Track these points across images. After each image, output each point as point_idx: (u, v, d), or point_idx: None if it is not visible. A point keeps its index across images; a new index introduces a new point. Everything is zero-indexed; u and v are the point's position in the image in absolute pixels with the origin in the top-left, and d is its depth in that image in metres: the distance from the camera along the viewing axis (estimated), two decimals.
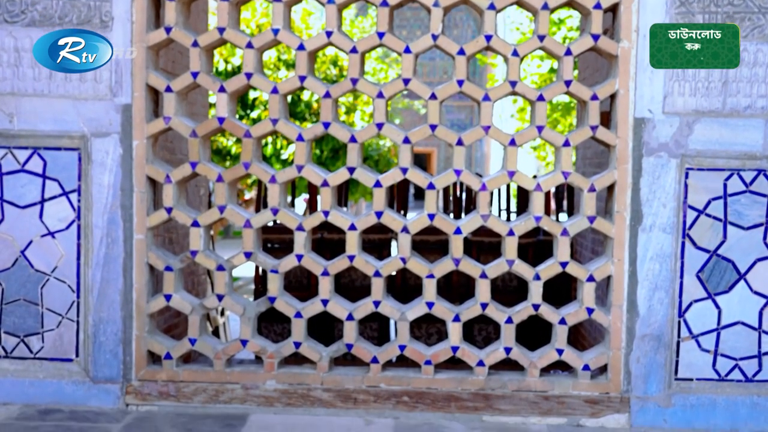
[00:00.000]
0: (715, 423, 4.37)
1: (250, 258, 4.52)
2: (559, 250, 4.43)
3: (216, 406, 4.47)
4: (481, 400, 4.45)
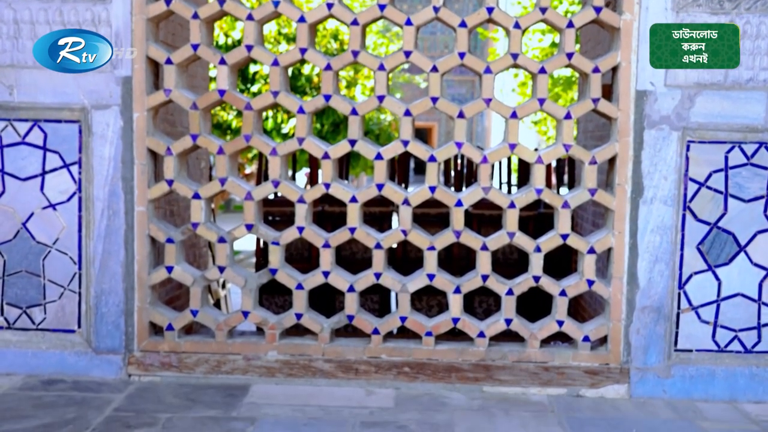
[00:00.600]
0: (714, 393, 4.40)
1: (251, 230, 4.53)
2: (560, 223, 4.44)
3: (218, 376, 4.50)
4: (482, 371, 4.47)
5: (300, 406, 4.21)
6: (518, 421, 4.09)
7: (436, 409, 4.23)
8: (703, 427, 4.07)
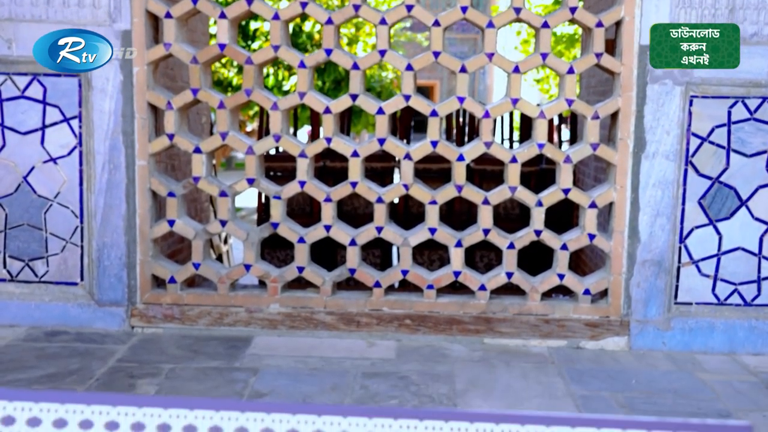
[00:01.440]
0: (713, 346, 4.43)
1: (252, 184, 4.53)
2: (562, 177, 4.44)
3: (220, 328, 4.53)
4: (483, 323, 4.50)
5: (302, 357, 4.25)
6: (518, 372, 4.13)
7: (437, 361, 4.26)
8: (702, 379, 4.11)
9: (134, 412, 1.17)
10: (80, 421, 1.17)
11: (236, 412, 1.18)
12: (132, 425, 1.17)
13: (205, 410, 1.17)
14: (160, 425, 1.17)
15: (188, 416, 1.17)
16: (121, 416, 1.18)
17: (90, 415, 1.17)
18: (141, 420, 1.17)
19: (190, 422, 1.17)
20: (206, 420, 1.18)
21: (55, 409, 1.17)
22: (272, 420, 1.18)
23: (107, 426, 1.17)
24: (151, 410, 1.17)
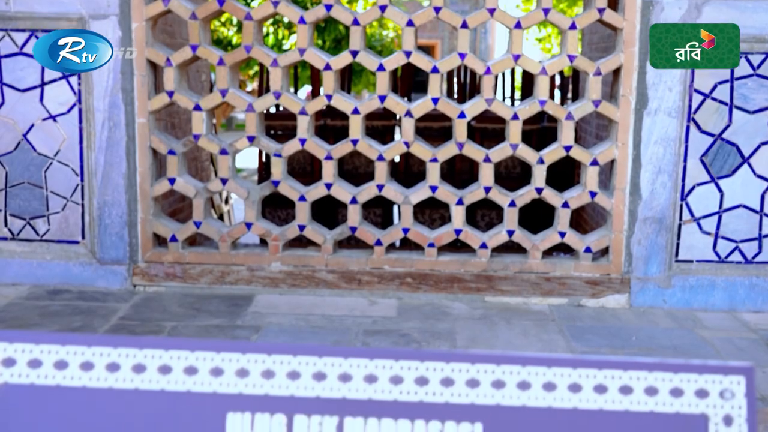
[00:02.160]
0: (713, 303, 4.44)
1: (253, 142, 4.51)
2: (563, 134, 4.41)
3: (222, 287, 4.54)
4: (484, 282, 4.51)
5: (304, 315, 4.26)
6: (519, 330, 4.14)
7: (438, 319, 4.28)
8: (703, 336, 4.12)
9: (135, 353, 1.17)
10: (81, 362, 1.17)
11: (237, 353, 1.18)
12: (133, 367, 1.17)
13: (206, 351, 1.18)
14: (160, 367, 1.17)
15: (189, 357, 1.18)
16: (122, 357, 1.18)
17: (91, 356, 1.18)
18: (142, 361, 1.17)
19: (191, 363, 1.18)
20: (207, 361, 1.18)
21: (56, 351, 1.17)
22: (273, 361, 1.18)
23: (108, 367, 1.17)
24: (152, 351, 1.17)
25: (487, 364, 1.18)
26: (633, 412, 1.18)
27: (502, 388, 1.18)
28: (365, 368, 1.18)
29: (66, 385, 1.16)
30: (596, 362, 1.18)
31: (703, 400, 1.18)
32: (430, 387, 1.18)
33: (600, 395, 1.18)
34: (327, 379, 1.18)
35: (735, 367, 1.19)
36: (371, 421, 1.17)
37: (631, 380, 1.19)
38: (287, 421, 1.16)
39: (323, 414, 1.17)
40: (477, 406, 1.17)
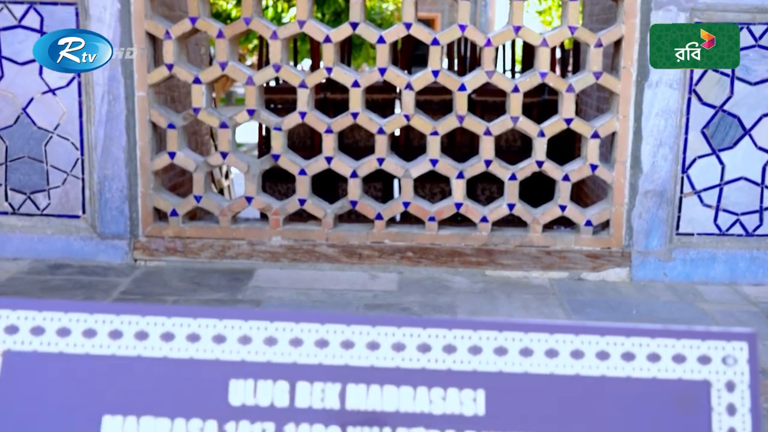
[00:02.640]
0: (714, 276, 4.44)
1: (253, 115, 4.49)
2: (564, 107, 4.40)
3: (222, 261, 4.54)
4: (484, 255, 4.51)
5: (304, 289, 4.27)
6: (520, 303, 4.15)
7: (438, 292, 4.28)
8: (703, 309, 4.13)
9: (137, 320, 1.17)
10: (83, 329, 1.17)
11: (239, 320, 1.18)
12: (135, 334, 1.17)
13: (209, 318, 1.17)
14: (163, 334, 1.17)
15: (191, 325, 1.17)
16: (124, 325, 1.18)
17: (93, 324, 1.17)
18: (144, 329, 1.17)
19: (193, 331, 1.17)
20: (209, 328, 1.18)
21: (59, 318, 1.17)
22: (275, 328, 1.18)
23: (111, 335, 1.17)
24: (155, 319, 1.17)
25: (489, 331, 1.18)
26: (635, 378, 1.18)
27: (504, 354, 1.18)
28: (367, 335, 1.18)
29: (69, 352, 1.16)
30: (598, 329, 1.18)
31: (705, 366, 1.18)
32: (433, 354, 1.18)
33: (602, 362, 1.18)
34: (329, 346, 1.18)
35: (737, 333, 1.19)
36: (373, 388, 1.17)
37: (634, 347, 1.19)
38: (290, 388, 1.16)
39: (326, 381, 1.17)
40: (479, 373, 1.17)
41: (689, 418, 1.16)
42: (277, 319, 1.18)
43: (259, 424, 1.15)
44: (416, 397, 1.17)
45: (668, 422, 1.16)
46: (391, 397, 1.16)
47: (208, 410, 1.15)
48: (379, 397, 1.16)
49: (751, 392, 1.17)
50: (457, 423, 1.16)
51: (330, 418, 1.15)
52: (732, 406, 1.17)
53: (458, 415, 1.16)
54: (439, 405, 1.16)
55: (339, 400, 1.16)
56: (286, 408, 1.15)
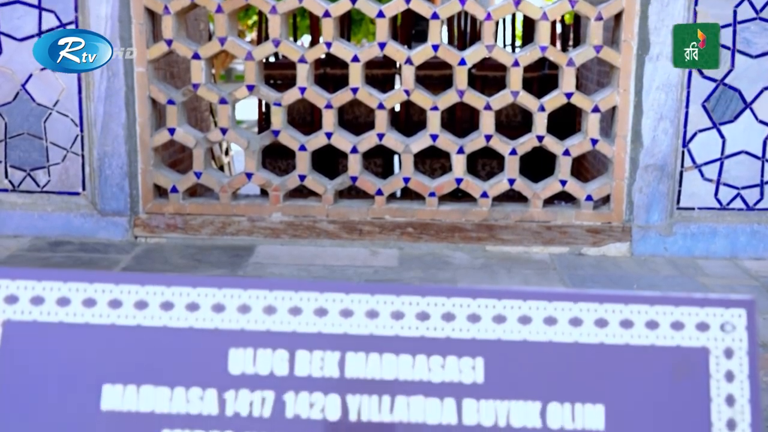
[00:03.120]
0: (714, 250, 4.44)
1: (252, 91, 4.48)
2: (564, 81, 4.38)
3: (223, 238, 4.54)
4: (485, 231, 4.51)
5: (305, 265, 4.27)
6: (520, 279, 4.16)
7: (439, 268, 4.29)
8: (704, 283, 4.13)
9: (137, 290, 1.17)
10: (83, 299, 1.17)
11: (239, 289, 1.18)
12: (135, 303, 1.18)
13: (208, 288, 1.18)
14: (162, 303, 1.18)
15: (191, 294, 1.18)
16: (124, 294, 1.18)
17: (93, 293, 1.18)
18: (144, 298, 1.17)
19: (192, 300, 1.18)
20: (209, 298, 1.18)
21: (58, 288, 1.17)
22: (274, 297, 1.18)
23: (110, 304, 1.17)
24: (154, 288, 1.17)
25: (488, 299, 1.19)
26: (633, 345, 1.18)
27: (503, 322, 1.18)
28: (366, 304, 1.18)
29: (68, 322, 1.16)
30: (597, 296, 1.18)
31: (703, 333, 1.18)
32: (431, 322, 1.18)
33: (601, 329, 1.18)
34: (328, 315, 1.18)
35: (736, 301, 1.19)
36: (373, 357, 1.17)
37: (632, 314, 1.19)
38: (289, 357, 1.17)
39: (325, 349, 1.17)
40: (478, 341, 1.18)
41: (687, 385, 1.16)
42: (277, 288, 1.18)
43: (259, 393, 1.15)
44: (415, 365, 1.17)
45: (666, 389, 1.16)
46: (390, 366, 1.17)
47: (207, 379, 1.15)
48: (378, 365, 1.17)
49: (750, 359, 1.17)
50: (456, 391, 1.16)
51: (329, 387, 1.15)
52: (730, 373, 1.17)
53: (457, 383, 1.16)
54: (438, 373, 1.17)
55: (338, 369, 1.16)
56: (285, 376, 1.16)
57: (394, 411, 1.15)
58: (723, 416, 1.16)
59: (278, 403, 1.15)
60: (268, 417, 1.14)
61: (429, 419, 1.15)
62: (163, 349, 1.16)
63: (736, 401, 1.16)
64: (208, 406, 1.15)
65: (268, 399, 1.15)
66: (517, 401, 1.16)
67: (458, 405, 1.16)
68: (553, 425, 1.15)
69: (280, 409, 1.14)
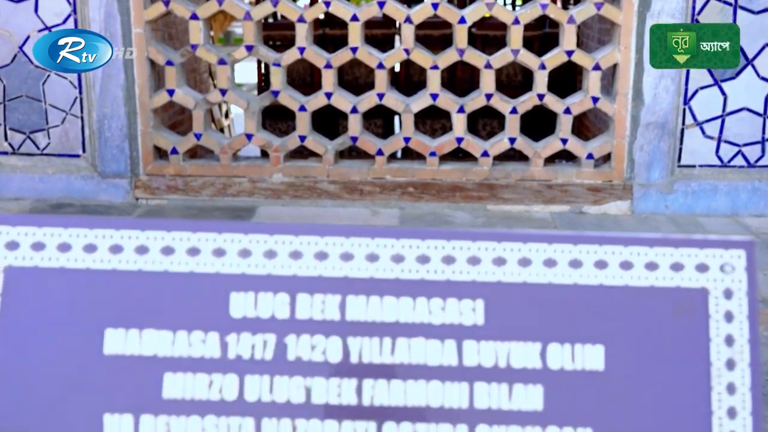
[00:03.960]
0: (715, 208, 4.44)
1: (251, 51, 4.45)
2: (565, 39, 4.35)
3: (224, 199, 4.54)
4: (486, 190, 4.51)
5: None
6: None
7: (440, 227, 4.29)
8: None
9: (137, 235, 1.18)
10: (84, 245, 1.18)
11: (239, 234, 1.18)
12: (135, 248, 1.18)
13: (208, 233, 1.18)
14: (163, 248, 1.18)
15: (191, 239, 1.18)
16: (125, 240, 1.18)
17: (93, 239, 1.18)
18: (144, 243, 1.18)
19: (193, 245, 1.18)
20: (209, 242, 1.18)
21: (59, 234, 1.17)
22: (275, 241, 1.18)
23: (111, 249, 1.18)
24: (154, 233, 1.17)
25: (488, 242, 1.19)
26: (633, 287, 1.18)
27: (502, 265, 1.19)
28: (367, 247, 1.19)
29: (70, 267, 1.17)
30: (597, 238, 1.19)
31: (703, 274, 1.19)
32: (432, 265, 1.18)
33: (600, 271, 1.19)
34: (329, 259, 1.18)
35: (735, 242, 1.19)
36: (373, 299, 1.18)
37: (632, 255, 1.19)
38: (290, 300, 1.17)
39: (325, 293, 1.18)
40: (478, 283, 1.18)
41: (687, 326, 1.17)
42: (277, 232, 1.18)
43: (261, 336, 1.16)
44: (416, 308, 1.17)
45: (666, 329, 1.17)
46: (391, 308, 1.17)
47: (209, 323, 1.16)
48: (378, 308, 1.17)
49: (749, 300, 1.18)
50: (456, 333, 1.17)
51: (330, 329, 1.16)
52: (729, 314, 1.18)
53: (457, 325, 1.17)
54: (439, 315, 1.17)
55: (339, 312, 1.17)
56: (286, 320, 1.16)
57: (395, 353, 1.16)
58: (722, 356, 1.17)
59: (280, 345, 1.15)
60: (269, 360, 1.15)
61: (430, 361, 1.16)
62: (164, 293, 1.17)
63: (735, 341, 1.17)
64: (210, 349, 1.15)
65: (269, 342, 1.16)
66: (518, 342, 1.17)
67: (459, 347, 1.17)
68: (553, 366, 1.16)
69: (282, 351, 1.15)
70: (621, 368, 1.16)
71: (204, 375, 1.15)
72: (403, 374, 1.15)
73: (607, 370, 1.16)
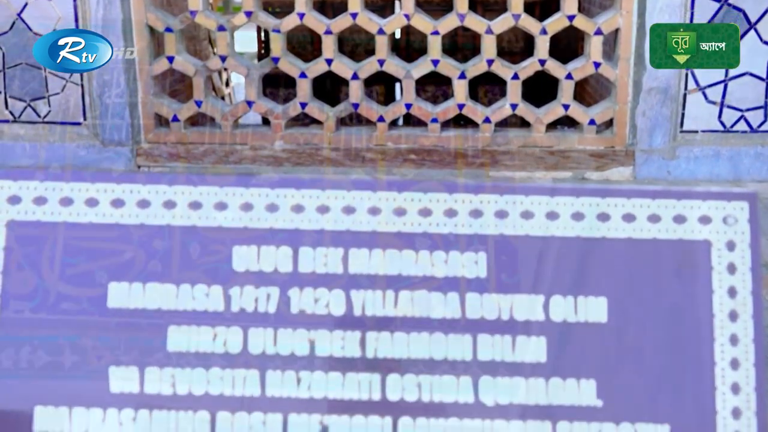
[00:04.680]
0: (718, 173, 4.43)
1: (250, 17, 4.42)
2: (566, 3, 4.32)
3: (226, 166, 4.53)
4: (487, 157, 4.50)
5: None
6: None
7: None
8: None
9: (139, 189, 1.18)
10: (86, 198, 1.18)
11: (241, 188, 1.18)
12: (137, 202, 1.18)
13: (210, 186, 1.18)
14: (165, 202, 1.18)
15: (193, 193, 1.18)
16: (126, 194, 1.18)
17: (95, 193, 1.18)
18: (146, 197, 1.18)
19: (195, 199, 1.18)
20: (211, 196, 1.18)
21: (60, 188, 1.18)
22: (276, 195, 1.18)
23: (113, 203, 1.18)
24: (156, 187, 1.17)
25: (491, 195, 1.19)
26: (636, 239, 1.19)
27: (505, 217, 1.19)
28: (368, 201, 1.19)
29: (71, 221, 1.17)
30: (599, 191, 1.18)
31: (705, 226, 1.19)
32: (434, 218, 1.18)
33: (603, 223, 1.19)
34: (331, 212, 1.18)
35: (738, 194, 1.19)
36: (376, 252, 1.18)
37: (634, 208, 1.19)
38: (293, 254, 1.17)
39: (328, 246, 1.18)
40: (480, 236, 1.18)
41: (690, 277, 1.17)
42: (278, 186, 1.18)
43: (264, 289, 1.16)
44: (418, 261, 1.18)
45: (669, 281, 1.17)
46: (394, 261, 1.17)
47: (212, 276, 1.16)
48: (381, 261, 1.17)
49: (752, 251, 1.18)
50: (459, 285, 1.17)
51: (333, 282, 1.16)
52: (732, 265, 1.18)
53: (460, 278, 1.17)
54: (441, 268, 1.18)
55: (342, 265, 1.17)
56: (289, 273, 1.17)
57: (398, 305, 1.16)
58: (725, 308, 1.17)
59: (283, 299, 1.16)
60: (273, 312, 1.15)
61: (433, 313, 1.16)
62: (167, 246, 1.17)
63: (738, 293, 1.17)
64: (214, 302, 1.16)
65: (273, 295, 1.16)
66: (520, 295, 1.17)
67: (461, 299, 1.17)
68: (555, 318, 1.16)
69: (285, 304, 1.16)
70: (624, 320, 1.16)
71: (208, 328, 1.15)
72: (406, 327, 1.16)
73: (610, 322, 1.16)
